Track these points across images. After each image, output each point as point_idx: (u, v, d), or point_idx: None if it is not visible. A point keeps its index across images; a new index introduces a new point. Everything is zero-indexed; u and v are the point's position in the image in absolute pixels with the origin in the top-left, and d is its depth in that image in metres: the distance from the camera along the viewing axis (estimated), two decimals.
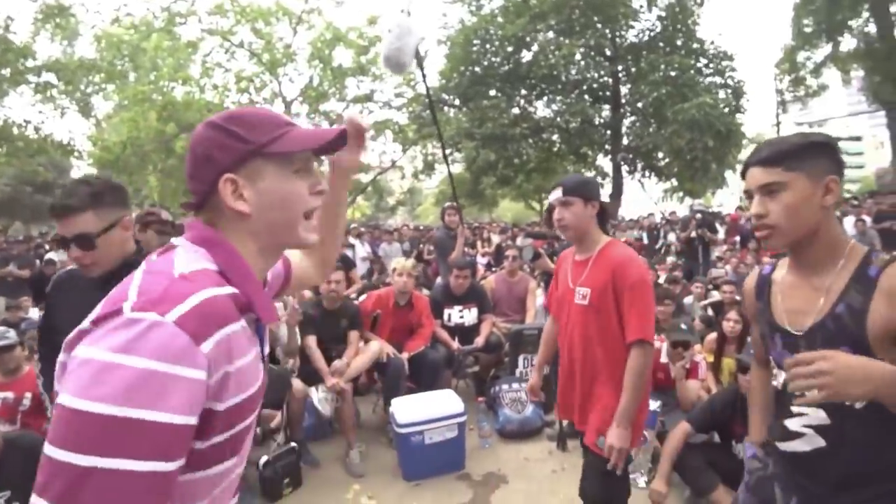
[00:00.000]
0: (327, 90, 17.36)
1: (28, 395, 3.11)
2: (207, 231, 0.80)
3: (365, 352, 3.82)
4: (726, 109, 16.79)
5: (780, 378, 1.21)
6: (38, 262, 7.98)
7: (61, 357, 0.67)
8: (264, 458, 3.17)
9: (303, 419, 3.66)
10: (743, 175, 1.20)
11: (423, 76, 2.09)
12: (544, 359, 2.39)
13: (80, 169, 21.38)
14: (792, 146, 1.10)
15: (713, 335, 3.84)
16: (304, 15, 16.69)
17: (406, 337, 4.15)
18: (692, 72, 17.26)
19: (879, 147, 41.95)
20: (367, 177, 20.77)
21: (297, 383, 3.58)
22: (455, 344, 4.28)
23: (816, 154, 1.10)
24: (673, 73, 16.99)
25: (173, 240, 0.81)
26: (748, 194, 1.17)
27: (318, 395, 3.58)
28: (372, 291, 4.50)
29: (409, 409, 3.35)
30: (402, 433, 3.26)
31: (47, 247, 9.32)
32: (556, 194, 2.00)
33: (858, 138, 55.60)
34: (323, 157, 1.09)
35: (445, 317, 4.48)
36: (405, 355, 3.98)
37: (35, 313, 5.82)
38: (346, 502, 3.10)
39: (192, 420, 0.64)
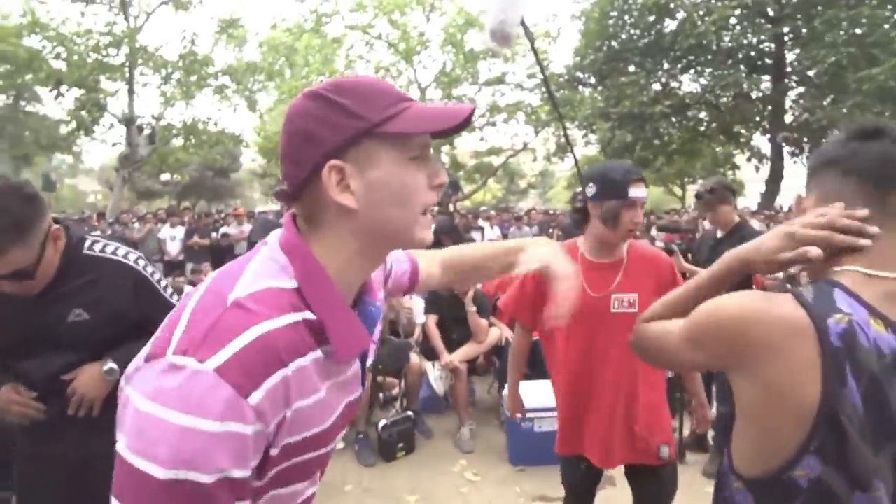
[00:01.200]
0: (460, 75, 17.76)
1: None
2: (294, 237, 0.69)
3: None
4: None
5: None
6: (214, 234, 9.43)
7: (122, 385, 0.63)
8: (383, 422, 3.48)
9: (419, 391, 3.90)
10: None
11: (533, 49, 1.99)
12: (518, 379, 2.28)
13: (247, 155, 24.61)
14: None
15: None
16: (437, 2, 17.16)
17: None
18: (887, 26, 14.33)
19: None
20: (499, 159, 20.87)
21: (414, 357, 3.82)
22: None
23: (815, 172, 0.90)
24: (859, 31, 14.31)
25: (270, 236, 0.71)
26: None
27: (433, 373, 3.79)
28: None
29: (521, 394, 3.39)
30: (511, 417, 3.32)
31: (223, 221, 10.92)
32: (639, 191, 1.73)
33: None
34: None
35: None
36: None
37: None
38: (452, 475, 3.27)
39: (244, 472, 0.58)
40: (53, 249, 1.37)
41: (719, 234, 3.18)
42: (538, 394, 3.37)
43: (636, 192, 1.69)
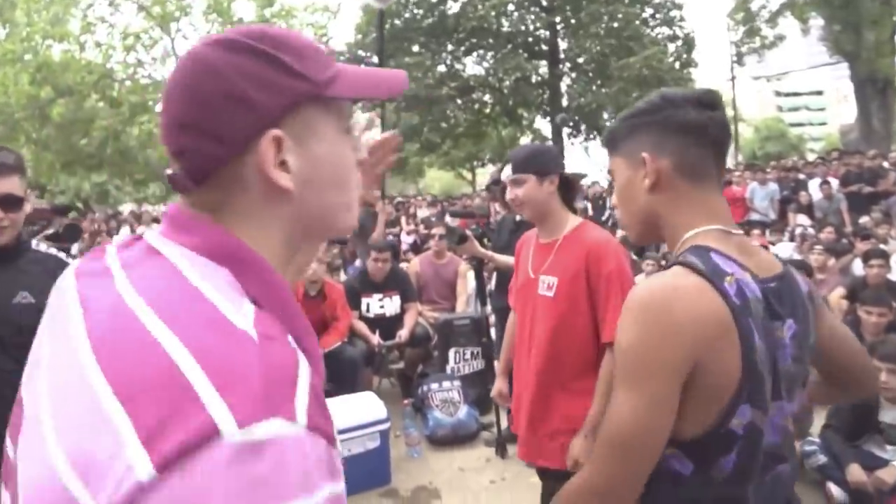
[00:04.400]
0: None
1: None
2: (225, 236, 0.56)
3: None
4: (676, 64, 17.50)
5: None
6: None
7: None
8: None
9: None
10: None
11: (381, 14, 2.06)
12: (507, 362, 2.26)
13: None
14: (611, 128, 1.10)
15: None
16: None
17: (319, 332, 3.98)
18: (637, 23, 17.80)
19: (843, 101, 43.99)
20: None
21: None
22: (375, 338, 4.20)
23: (630, 130, 1.05)
24: (616, 25, 17.46)
25: (152, 239, 0.57)
26: None
27: None
28: None
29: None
30: None
31: None
32: (507, 171, 1.99)
33: (820, 92, 57.98)
34: None
35: (364, 307, 4.41)
36: None
37: None
38: None
39: None
40: (22, 211, 1.64)
41: (518, 217, 3.46)
42: (339, 412, 3.24)
43: (505, 173, 2.03)
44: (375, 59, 18.26)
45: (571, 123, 18.61)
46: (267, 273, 0.56)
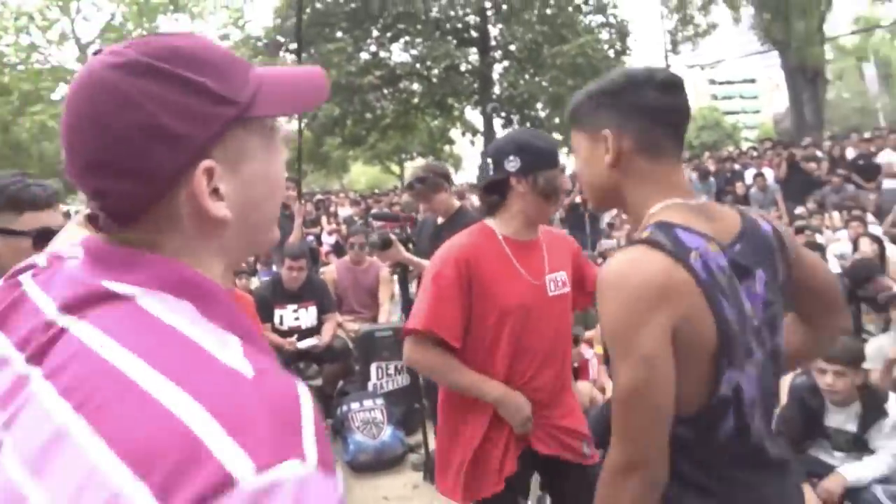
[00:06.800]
0: (133, 30, 16.31)
1: None
2: (183, 268, 0.57)
3: None
4: (611, 52, 18.11)
5: None
6: None
7: None
8: None
9: None
10: None
11: None
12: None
13: None
14: (575, 102, 1.20)
15: None
16: None
17: None
18: (570, 9, 18.38)
19: (775, 89, 46.79)
20: None
21: None
22: (290, 341, 4.21)
23: (594, 107, 1.15)
24: (549, 12, 17.91)
25: (88, 277, 0.56)
26: None
27: None
28: None
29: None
30: None
31: None
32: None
33: (753, 80, 61.53)
34: None
35: (277, 319, 4.37)
36: None
37: None
38: None
39: None
40: None
41: (440, 220, 3.39)
42: None
43: (562, 157, 1.90)
44: (294, 46, 18.00)
45: (504, 114, 18.90)
46: (228, 302, 0.58)
